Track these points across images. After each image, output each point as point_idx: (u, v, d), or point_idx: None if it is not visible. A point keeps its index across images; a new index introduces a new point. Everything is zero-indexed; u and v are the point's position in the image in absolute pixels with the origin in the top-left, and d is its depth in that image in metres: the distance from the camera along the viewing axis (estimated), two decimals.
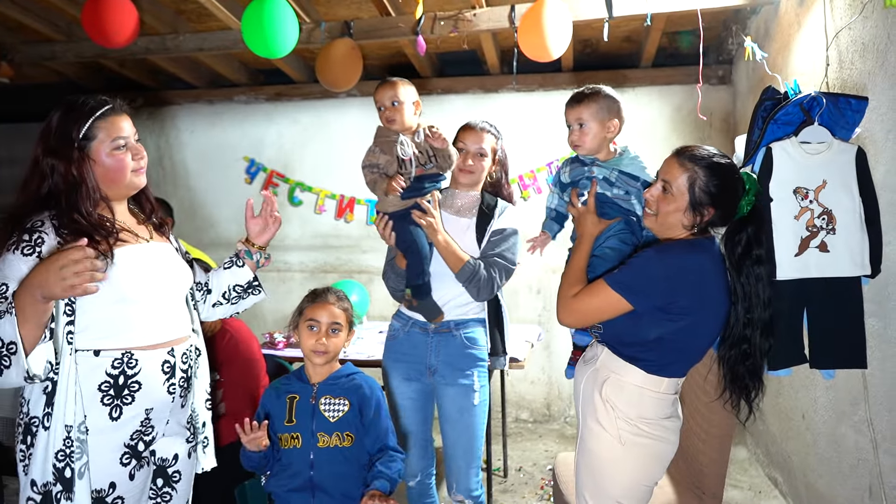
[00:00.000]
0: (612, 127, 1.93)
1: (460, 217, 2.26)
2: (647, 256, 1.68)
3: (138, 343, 1.60)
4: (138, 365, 1.59)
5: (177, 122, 5.11)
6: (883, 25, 2.14)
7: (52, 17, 3.80)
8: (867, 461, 2.32)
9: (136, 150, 1.65)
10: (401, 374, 2.31)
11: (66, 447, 1.50)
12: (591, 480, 1.79)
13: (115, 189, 1.64)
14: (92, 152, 1.59)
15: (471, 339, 2.23)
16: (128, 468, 1.60)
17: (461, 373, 2.21)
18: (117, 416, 1.58)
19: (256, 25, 2.93)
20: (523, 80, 4.51)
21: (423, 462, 2.35)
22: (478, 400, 2.23)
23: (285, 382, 2.03)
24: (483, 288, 2.15)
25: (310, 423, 1.93)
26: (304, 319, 1.99)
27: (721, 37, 4.10)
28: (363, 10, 3.67)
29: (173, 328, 1.69)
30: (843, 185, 1.94)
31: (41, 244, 1.49)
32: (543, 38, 3.02)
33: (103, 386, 1.56)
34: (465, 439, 2.24)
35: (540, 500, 3.34)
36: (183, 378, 1.71)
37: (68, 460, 1.49)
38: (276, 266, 4.88)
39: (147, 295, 1.62)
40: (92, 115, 1.59)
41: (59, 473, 1.49)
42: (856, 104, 1.99)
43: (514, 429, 4.44)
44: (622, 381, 1.73)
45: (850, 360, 2.02)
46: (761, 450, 3.67)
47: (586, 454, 1.80)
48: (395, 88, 2.17)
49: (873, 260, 1.95)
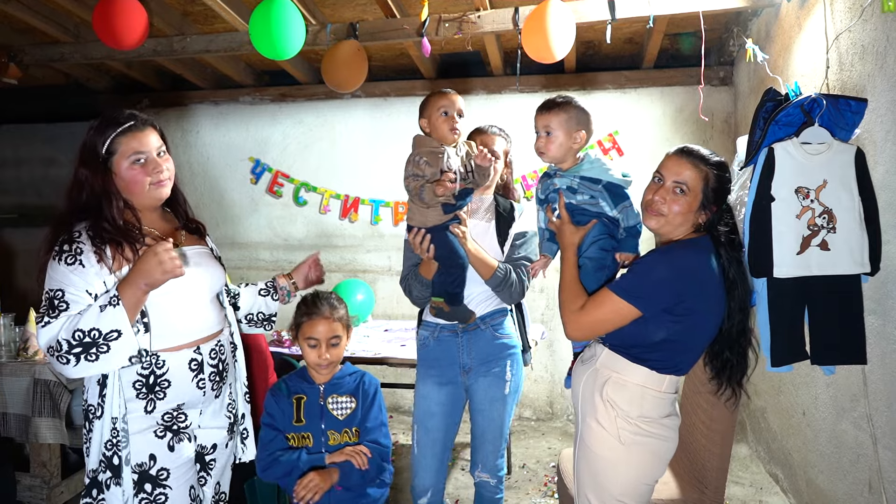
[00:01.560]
0: (578, 138, 1.93)
1: (479, 220, 2.30)
2: (652, 260, 1.70)
3: (163, 345, 1.70)
4: (165, 365, 1.70)
5: (182, 122, 5.15)
6: (882, 29, 2.17)
7: (60, 18, 3.84)
8: (867, 456, 2.36)
9: (156, 165, 1.72)
10: (434, 379, 2.31)
11: (113, 437, 1.64)
12: (592, 480, 1.80)
13: (138, 200, 1.74)
14: (114, 166, 1.70)
15: (498, 328, 2.28)
16: (164, 440, 1.70)
17: (494, 364, 2.27)
18: (151, 409, 1.69)
19: (264, 27, 2.97)
20: (526, 82, 4.55)
21: (437, 477, 2.33)
22: (508, 389, 2.28)
23: (289, 382, 2.08)
24: (515, 292, 2.22)
25: (319, 423, 2.00)
26: (302, 337, 2.02)
27: (722, 39, 4.14)
28: (368, 12, 3.71)
29: (200, 328, 1.78)
30: (842, 184, 1.98)
31: (80, 254, 1.62)
32: (547, 40, 3.05)
33: (137, 384, 1.68)
34: (493, 427, 2.30)
35: (543, 497, 3.37)
36: (213, 373, 1.79)
37: (116, 449, 1.64)
38: (282, 266, 4.92)
39: (171, 297, 1.71)
40: (114, 131, 1.69)
41: (108, 461, 1.64)
42: (855, 106, 2.02)
43: (517, 427, 4.48)
44: (624, 381, 1.75)
45: (851, 356, 2.06)
46: (762, 447, 3.71)
47: (586, 453, 1.81)
48: (459, 101, 2.15)
49: (873, 258, 1.99)
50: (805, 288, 2.01)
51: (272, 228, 5.03)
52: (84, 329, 1.55)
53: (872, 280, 2.11)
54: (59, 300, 1.59)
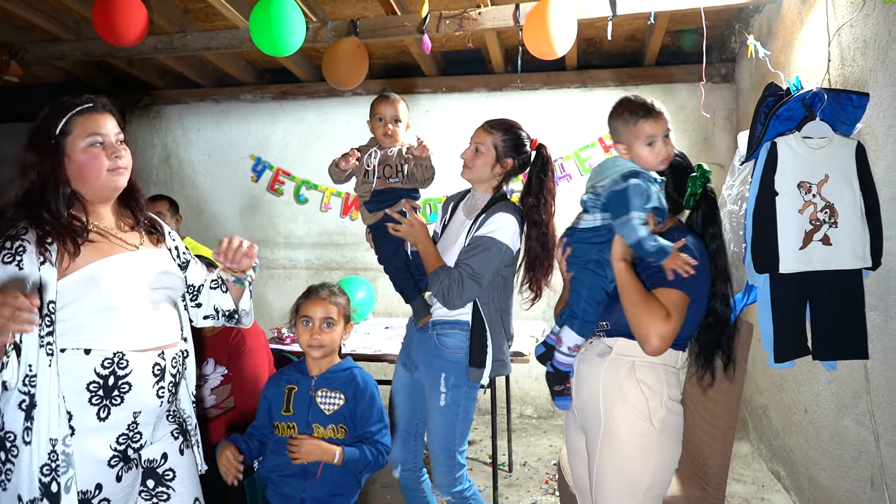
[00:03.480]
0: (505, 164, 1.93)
1: (467, 218, 2.26)
2: (687, 247, 1.68)
3: (130, 346, 1.57)
4: (129, 366, 1.56)
5: (183, 120, 5.15)
6: (884, 22, 2.16)
7: (61, 16, 3.84)
8: (869, 453, 2.35)
9: (115, 150, 1.59)
10: (401, 360, 2.41)
11: (52, 461, 1.45)
12: (620, 475, 1.74)
13: (90, 188, 1.59)
14: (67, 148, 1.56)
15: (443, 341, 2.19)
16: (115, 469, 1.56)
17: (433, 372, 2.20)
18: (105, 416, 1.53)
19: (264, 23, 2.97)
20: (527, 79, 4.54)
21: (405, 455, 2.36)
22: (444, 402, 2.17)
23: (286, 373, 2.12)
24: (444, 295, 2.09)
25: (306, 414, 2.01)
26: (299, 316, 2.07)
27: (724, 35, 4.13)
28: (369, 9, 3.71)
29: (164, 333, 1.66)
30: (844, 179, 1.97)
31: (22, 252, 1.46)
32: (548, 36, 3.05)
33: (91, 386, 1.52)
34: (435, 439, 2.23)
35: (545, 495, 3.37)
36: (172, 382, 1.66)
37: (54, 475, 1.45)
38: (283, 263, 4.92)
39: (135, 302, 1.59)
40: (70, 111, 1.57)
41: (46, 488, 1.45)
42: (857, 100, 2.02)
43: (518, 425, 4.47)
44: (650, 361, 1.73)
45: (852, 351, 2.05)
46: (764, 444, 3.70)
47: (615, 448, 1.74)
48: (398, 106, 2.30)
49: (874, 253, 1.98)
50: (807, 283, 2.01)
51: (273, 226, 5.03)
52: None
53: (874, 276, 2.11)
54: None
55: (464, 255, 2.13)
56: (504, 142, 2.20)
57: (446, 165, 4.27)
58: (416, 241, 2.22)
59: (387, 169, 2.28)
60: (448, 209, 2.41)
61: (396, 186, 2.28)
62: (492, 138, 2.20)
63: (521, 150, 2.22)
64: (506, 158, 2.21)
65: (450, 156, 4.34)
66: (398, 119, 2.29)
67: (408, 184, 2.30)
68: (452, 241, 2.24)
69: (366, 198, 2.35)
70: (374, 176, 2.26)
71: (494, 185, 2.25)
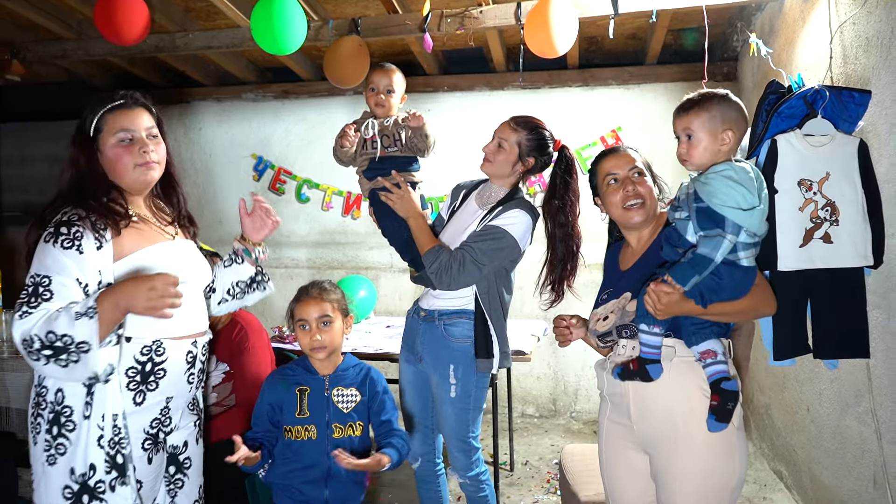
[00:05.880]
0: (726, 138, 1.62)
1: (480, 208, 2.25)
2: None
3: (168, 333, 1.65)
4: (165, 353, 1.64)
5: (185, 119, 5.15)
6: (886, 20, 2.15)
7: (63, 15, 3.84)
8: (871, 452, 2.34)
9: (143, 145, 1.65)
10: (404, 356, 2.39)
11: (115, 434, 1.55)
12: (708, 488, 1.63)
13: (124, 182, 1.67)
14: (100, 144, 1.65)
15: (450, 331, 2.20)
16: (147, 452, 1.65)
17: (440, 363, 2.21)
18: (141, 401, 1.61)
19: (265, 22, 2.97)
20: (529, 78, 4.54)
21: (424, 448, 2.39)
22: (454, 393, 2.19)
23: (290, 373, 2.04)
24: (438, 273, 2.09)
25: (324, 415, 1.97)
26: (295, 321, 2.02)
27: (726, 33, 4.12)
28: (370, 8, 3.71)
29: (197, 322, 1.75)
30: (845, 176, 1.96)
31: (80, 238, 1.54)
32: (550, 35, 3.04)
33: (130, 372, 1.60)
34: (448, 427, 2.26)
35: (546, 493, 3.36)
36: (200, 370, 1.76)
37: (119, 447, 1.55)
38: (284, 262, 4.92)
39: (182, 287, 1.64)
40: (101, 109, 1.65)
41: (112, 460, 1.54)
42: (859, 97, 2.01)
43: (519, 424, 4.47)
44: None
45: (853, 349, 2.04)
46: (766, 444, 3.69)
47: (701, 455, 1.63)
48: (392, 76, 2.31)
49: (876, 251, 1.97)
50: (808, 281, 2.00)
51: None
52: (57, 332, 1.43)
53: (876, 274, 2.10)
54: (45, 288, 1.49)
55: (472, 238, 2.14)
56: (528, 141, 2.20)
57: (446, 165, 4.27)
58: (407, 215, 2.21)
59: (384, 139, 2.28)
60: (459, 196, 2.41)
61: (396, 155, 2.28)
62: (516, 136, 2.20)
63: (543, 150, 2.22)
64: (528, 157, 2.21)
65: (450, 155, 4.36)
66: (391, 89, 2.30)
67: (407, 152, 2.29)
68: (462, 229, 2.23)
69: (364, 166, 2.34)
70: (372, 146, 2.26)
71: (513, 181, 2.25)
